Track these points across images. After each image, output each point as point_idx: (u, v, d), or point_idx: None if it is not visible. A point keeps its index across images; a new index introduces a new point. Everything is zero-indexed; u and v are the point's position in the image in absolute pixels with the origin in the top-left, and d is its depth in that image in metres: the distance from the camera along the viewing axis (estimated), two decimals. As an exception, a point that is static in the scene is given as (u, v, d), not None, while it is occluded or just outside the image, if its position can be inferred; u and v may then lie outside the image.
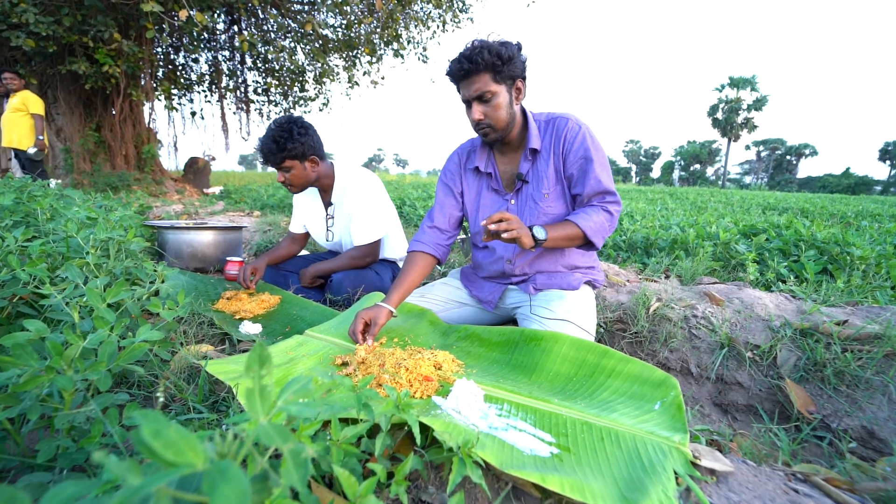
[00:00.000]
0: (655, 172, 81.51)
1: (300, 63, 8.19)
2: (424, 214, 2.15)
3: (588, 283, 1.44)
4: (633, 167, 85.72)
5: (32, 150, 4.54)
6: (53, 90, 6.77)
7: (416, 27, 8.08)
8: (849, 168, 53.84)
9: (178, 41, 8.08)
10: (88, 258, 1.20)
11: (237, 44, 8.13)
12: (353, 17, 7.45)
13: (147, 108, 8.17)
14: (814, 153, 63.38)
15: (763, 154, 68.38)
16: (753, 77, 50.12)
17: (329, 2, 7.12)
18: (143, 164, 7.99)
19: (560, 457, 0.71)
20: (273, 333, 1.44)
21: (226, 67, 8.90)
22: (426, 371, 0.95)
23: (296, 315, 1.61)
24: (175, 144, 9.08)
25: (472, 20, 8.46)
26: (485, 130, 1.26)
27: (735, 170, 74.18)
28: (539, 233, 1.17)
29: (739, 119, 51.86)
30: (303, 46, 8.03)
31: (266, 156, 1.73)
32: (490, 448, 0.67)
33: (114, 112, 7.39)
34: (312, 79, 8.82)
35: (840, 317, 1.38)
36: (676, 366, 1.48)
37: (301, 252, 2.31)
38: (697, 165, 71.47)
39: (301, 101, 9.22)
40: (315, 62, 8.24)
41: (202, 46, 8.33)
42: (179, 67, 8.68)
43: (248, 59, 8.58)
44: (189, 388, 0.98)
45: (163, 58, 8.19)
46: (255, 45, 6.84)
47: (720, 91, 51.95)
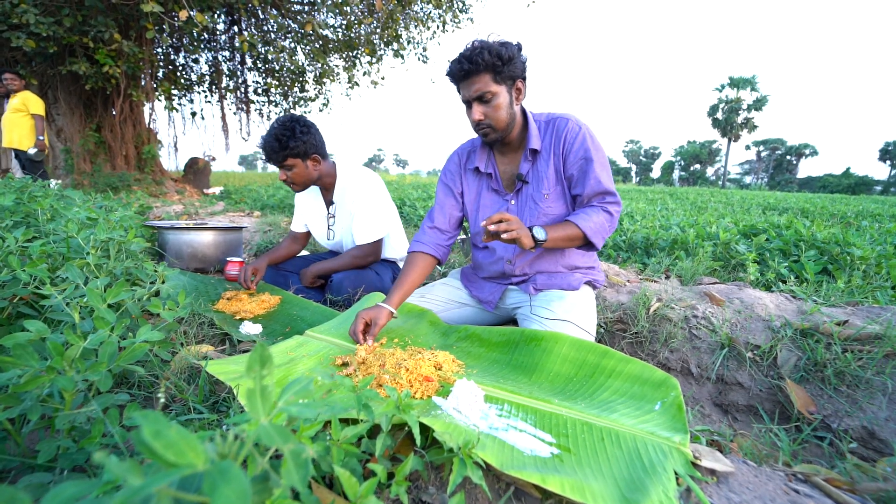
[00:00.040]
0: (655, 172, 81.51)
1: (300, 63, 8.19)
2: (424, 214, 2.15)
3: (588, 284, 1.44)
4: (633, 167, 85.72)
5: (33, 151, 4.55)
6: (54, 91, 6.77)
7: (416, 27, 8.08)
8: (849, 168, 53.84)
9: (179, 41, 8.08)
10: (89, 259, 1.20)
11: (237, 44, 8.14)
12: (353, 18, 7.45)
13: (147, 109, 8.19)
14: (814, 153, 63.40)
15: (763, 154, 68.39)
16: (753, 77, 50.12)
17: (329, 2, 7.12)
18: (144, 165, 7.99)
19: (560, 457, 0.71)
20: (273, 334, 1.44)
21: (226, 68, 8.91)
22: (426, 371, 0.95)
23: (296, 315, 1.61)
24: (175, 145, 9.09)
25: (472, 20, 8.46)
26: (485, 131, 1.26)
27: (735, 170, 74.21)
28: (539, 233, 1.17)
29: (739, 119, 51.86)
30: (303, 47, 8.03)
31: (268, 154, 1.73)
32: (490, 448, 0.67)
33: (114, 112, 7.39)
34: (312, 79, 8.82)
35: (840, 317, 1.38)
36: (677, 366, 1.48)
37: (301, 252, 2.31)
38: (697, 165, 71.47)
39: (301, 102, 9.23)
40: (315, 62, 8.24)
41: (202, 47, 8.34)
42: (179, 68, 8.69)
43: (249, 60, 8.59)
44: (189, 389, 0.98)
45: (163, 58, 8.19)
46: (256, 46, 6.84)
47: (720, 91, 51.96)
